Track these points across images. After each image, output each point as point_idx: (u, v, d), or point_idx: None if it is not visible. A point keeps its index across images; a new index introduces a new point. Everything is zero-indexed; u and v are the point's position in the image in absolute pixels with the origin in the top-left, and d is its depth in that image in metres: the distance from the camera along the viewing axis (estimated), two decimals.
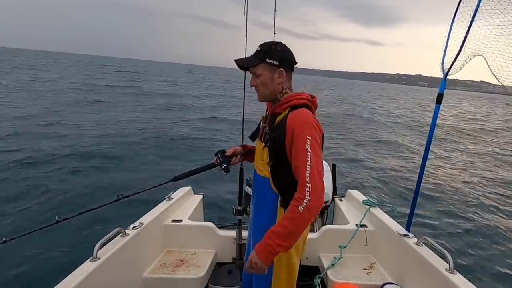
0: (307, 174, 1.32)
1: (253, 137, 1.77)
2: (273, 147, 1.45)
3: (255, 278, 1.66)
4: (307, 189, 1.30)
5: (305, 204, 1.29)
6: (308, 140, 1.35)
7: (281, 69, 1.48)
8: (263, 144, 1.52)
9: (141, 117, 13.15)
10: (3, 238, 1.43)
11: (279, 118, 1.47)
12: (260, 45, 1.52)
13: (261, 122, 1.66)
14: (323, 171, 1.38)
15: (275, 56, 1.47)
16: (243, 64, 1.52)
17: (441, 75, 2.29)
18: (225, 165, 1.78)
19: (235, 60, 1.52)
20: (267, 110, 1.63)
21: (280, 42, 1.54)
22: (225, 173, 1.80)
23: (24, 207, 4.91)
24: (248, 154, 1.86)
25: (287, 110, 1.46)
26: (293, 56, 1.53)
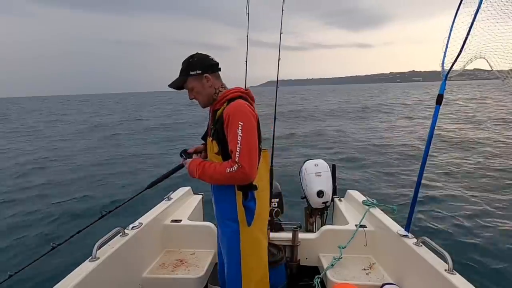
0: (237, 155, 1.50)
1: (204, 138, 1.89)
2: (217, 137, 1.62)
3: (226, 257, 1.75)
4: (236, 166, 1.50)
5: (231, 171, 1.50)
6: (240, 125, 1.52)
7: (205, 74, 1.66)
8: (211, 139, 1.68)
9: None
10: (8, 273, 1.51)
11: (219, 112, 1.64)
12: (182, 63, 1.69)
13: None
14: (255, 152, 1.57)
15: (195, 67, 1.66)
16: (176, 86, 1.69)
17: (435, 68, 2.28)
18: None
19: (169, 86, 1.70)
20: (210, 112, 1.79)
21: (197, 53, 1.71)
22: None
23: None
24: None
25: (225, 104, 1.64)
26: (212, 59, 1.71)
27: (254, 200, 1.67)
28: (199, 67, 1.66)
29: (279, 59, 2.89)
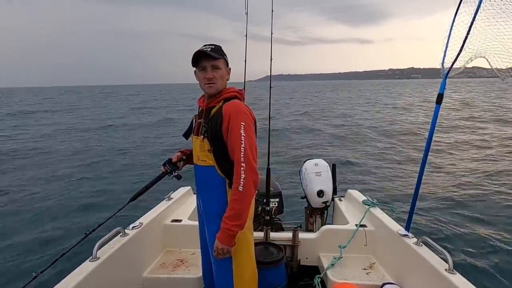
0: (242, 155, 1.52)
1: (186, 135, 1.87)
2: (211, 135, 1.60)
3: (214, 259, 1.70)
4: (242, 168, 1.51)
5: (242, 182, 1.50)
6: (242, 126, 1.54)
7: (229, 67, 1.70)
8: (202, 136, 1.65)
9: None
10: (33, 274, 1.55)
11: (214, 110, 1.63)
12: (211, 45, 1.64)
13: (195, 120, 1.79)
14: (256, 151, 1.60)
15: (226, 56, 1.68)
16: (215, 54, 1.59)
17: (434, 65, 2.28)
18: (176, 173, 1.89)
19: (205, 51, 1.58)
20: (199, 108, 1.76)
21: None
22: (178, 180, 1.92)
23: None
24: (188, 157, 1.94)
25: (221, 103, 1.63)
26: None
27: None
28: (227, 59, 1.68)
29: (271, 59, 2.90)
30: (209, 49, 1.59)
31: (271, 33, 2.88)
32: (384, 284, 2.15)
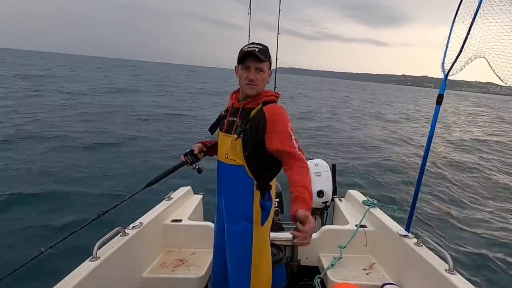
0: (296, 147, 1.49)
1: (212, 130, 1.84)
2: (250, 137, 1.56)
3: (234, 257, 1.69)
4: (299, 156, 1.46)
5: (304, 159, 1.48)
6: (289, 125, 1.54)
7: (271, 70, 1.67)
8: (235, 136, 1.60)
9: None
10: (41, 249, 1.55)
11: (253, 112, 1.59)
12: (259, 44, 1.60)
13: (227, 116, 1.72)
14: None
15: (271, 59, 1.64)
16: (262, 56, 1.56)
17: (448, 77, 2.29)
18: (197, 165, 1.84)
19: (253, 51, 1.54)
20: (232, 105, 1.71)
21: None
22: (198, 174, 1.86)
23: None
24: (209, 149, 1.92)
25: (260, 105, 1.60)
26: None
27: (270, 200, 1.66)
28: (271, 61, 1.65)
29: (276, 59, 2.91)
30: (257, 49, 1.56)
31: (278, 33, 2.89)
32: (384, 284, 2.15)
